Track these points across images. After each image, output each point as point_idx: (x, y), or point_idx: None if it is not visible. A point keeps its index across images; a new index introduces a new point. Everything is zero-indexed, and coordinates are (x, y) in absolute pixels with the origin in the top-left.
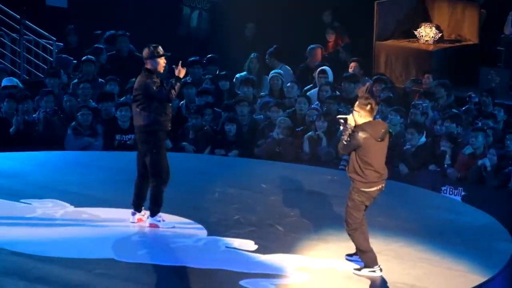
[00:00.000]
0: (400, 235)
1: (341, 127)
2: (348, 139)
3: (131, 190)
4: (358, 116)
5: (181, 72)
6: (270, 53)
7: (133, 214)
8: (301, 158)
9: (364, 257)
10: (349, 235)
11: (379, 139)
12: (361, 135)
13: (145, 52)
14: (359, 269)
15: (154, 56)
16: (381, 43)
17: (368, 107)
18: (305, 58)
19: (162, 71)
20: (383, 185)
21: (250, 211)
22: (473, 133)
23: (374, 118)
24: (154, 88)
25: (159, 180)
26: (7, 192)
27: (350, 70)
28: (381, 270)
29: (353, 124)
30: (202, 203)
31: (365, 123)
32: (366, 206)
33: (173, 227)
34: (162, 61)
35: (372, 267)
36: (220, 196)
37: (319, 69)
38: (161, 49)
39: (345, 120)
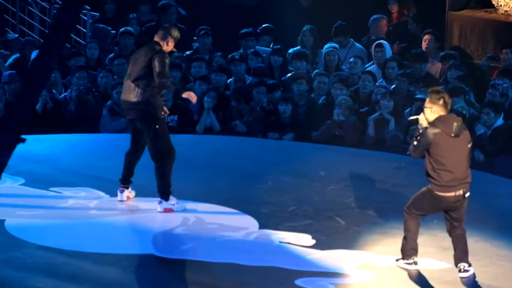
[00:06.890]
0: (475, 229)
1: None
2: (419, 138)
3: (173, 176)
4: (430, 112)
5: (192, 98)
6: (342, 29)
7: (122, 191)
8: (365, 142)
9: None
10: (404, 212)
11: (453, 135)
12: (430, 130)
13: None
14: (397, 260)
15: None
16: (455, 14)
17: (441, 101)
18: (367, 31)
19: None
20: (463, 191)
21: (306, 201)
22: None
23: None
24: (166, 69)
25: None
26: (35, 179)
27: (424, 44)
28: (415, 263)
29: (425, 124)
30: (253, 193)
31: (435, 119)
32: (446, 212)
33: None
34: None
35: (405, 259)
36: (273, 185)
37: (375, 43)
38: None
39: (417, 121)
